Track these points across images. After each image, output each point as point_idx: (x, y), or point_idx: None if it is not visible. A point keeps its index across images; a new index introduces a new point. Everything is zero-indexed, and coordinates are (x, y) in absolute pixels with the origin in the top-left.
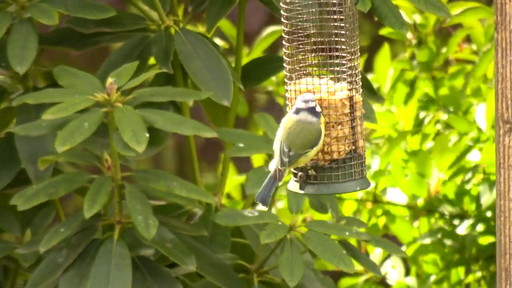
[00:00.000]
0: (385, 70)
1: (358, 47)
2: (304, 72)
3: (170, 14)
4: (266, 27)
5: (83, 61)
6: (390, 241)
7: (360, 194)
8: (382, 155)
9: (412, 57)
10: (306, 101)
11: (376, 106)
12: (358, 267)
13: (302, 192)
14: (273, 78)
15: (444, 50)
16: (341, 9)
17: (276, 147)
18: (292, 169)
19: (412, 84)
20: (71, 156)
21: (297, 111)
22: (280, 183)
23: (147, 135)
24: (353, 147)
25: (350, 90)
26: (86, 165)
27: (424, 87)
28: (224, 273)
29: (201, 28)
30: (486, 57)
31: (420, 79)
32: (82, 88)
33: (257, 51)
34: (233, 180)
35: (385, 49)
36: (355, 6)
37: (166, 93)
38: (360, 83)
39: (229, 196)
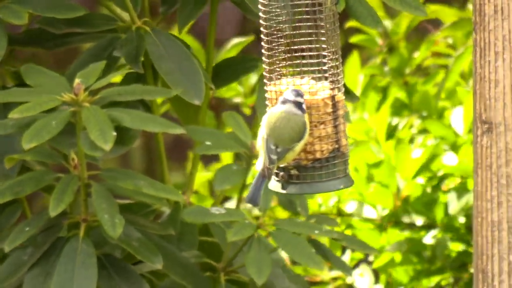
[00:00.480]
0: (355, 76)
1: (339, 47)
2: (284, 72)
3: (141, 15)
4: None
5: (54, 62)
6: (362, 240)
7: (323, 208)
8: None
9: (383, 63)
10: (296, 95)
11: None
12: (326, 275)
13: (284, 191)
14: (241, 89)
15: (416, 54)
16: (321, 9)
17: (261, 146)
18: (274, 169)
19: (384, 91)
20: (38, 155)
21: (284, 102)
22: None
23: (114, 133)
24: (336, 146)
25: (332, 89)
26: (53, 164)
27: (397, 93)
28: (191, 272)
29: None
30: (460, 59)
31: (393, 85)
32: (50, 88)
33: (228, 55)
34: (201, 177)
35: (355, 56)
36: (335, 6)
37: (135, 91)
38: (342, 82)
39: (197, 193)
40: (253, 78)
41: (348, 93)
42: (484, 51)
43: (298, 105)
